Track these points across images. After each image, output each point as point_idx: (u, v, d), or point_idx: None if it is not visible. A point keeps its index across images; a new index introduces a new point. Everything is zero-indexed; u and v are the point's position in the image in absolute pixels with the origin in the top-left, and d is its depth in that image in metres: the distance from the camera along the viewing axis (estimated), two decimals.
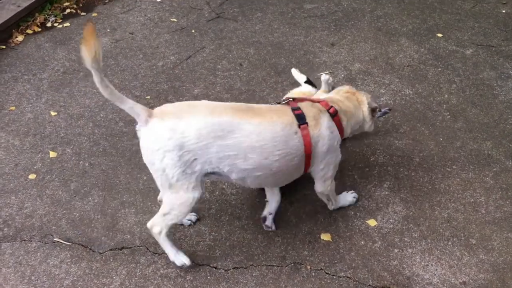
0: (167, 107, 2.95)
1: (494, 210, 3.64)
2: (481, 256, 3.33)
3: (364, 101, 3.40)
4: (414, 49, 5.42)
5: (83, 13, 6.22)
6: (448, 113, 4.52)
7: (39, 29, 5.87)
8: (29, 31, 5.81)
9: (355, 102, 3.37)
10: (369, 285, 3.16)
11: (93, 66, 2.57)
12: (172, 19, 6.07)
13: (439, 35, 5.66)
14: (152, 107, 2.69)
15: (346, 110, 3.26)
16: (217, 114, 2.85)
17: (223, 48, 5.51)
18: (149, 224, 3.12)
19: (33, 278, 3.23)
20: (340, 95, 3.38)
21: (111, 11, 6.25)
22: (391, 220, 3.57)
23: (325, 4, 6.32)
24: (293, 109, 3.03)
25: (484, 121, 4.44)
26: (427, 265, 3.28)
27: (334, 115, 3.14)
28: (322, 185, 3.31)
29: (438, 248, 3.38)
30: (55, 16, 6.08)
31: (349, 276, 3.21)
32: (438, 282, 3.17)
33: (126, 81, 4.99)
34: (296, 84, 4.77)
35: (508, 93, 4.77)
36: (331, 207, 3.56)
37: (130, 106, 2.81)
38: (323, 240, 3.44)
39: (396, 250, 3.36)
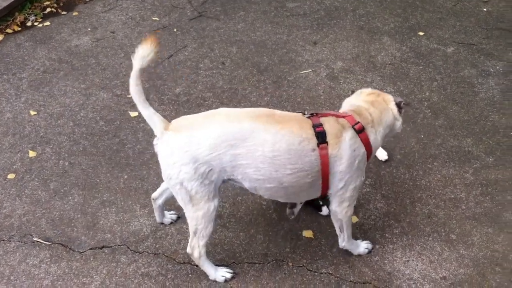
0: (184, 119, 2.88)
1: (474, 205, 3.66)
2: (461, 251, 3.35)
3: (390, 99, 3.12)
4: (396, 48, 5.45)
5: (63, 12, 6.16)
6: (429, 110, 4.55)
7: (19, 29, 5.81)
8: (8, 31, 5.74)
9: (382, 104, 3.09)
10: (351, 281, 3.17)
11: (139, 62, 2.70)
12: (154, 18, 6.04)
13: (421, 33, 5.70)
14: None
15: (374, 119, 2.99)
16: (232, 121, 2.75)
17: (205, 46, 5.49)
18: (188, 250, 3.05)
19: (12, 278, 3.19)
20: (363, 99, 3.11)
21: (92, 10, 6.20)
22: (372, 217, 3.58)
23: (308, 3, 6.33)
24: (315, 126, 2.82)
25: (465, 118, 4.47)
26: (408, 260, 3.29)
27: (361, 131, 2.89)
28: (338, 206, 3.02)
29: (419, 243, 3.40)
30: (35, 15, 6.02)
31: (330, 272, 3.22)
32: (418, 277, 3.19)
33: (107, 80, 4.95)
34: (277, 82, 4.76)
35: (488, 90, 4.81)
36: (341, 243, 3.24)
37: (149, 114, 2.77)
38: (305, 237, 3.45)
39: (377, 246, 3.37)
